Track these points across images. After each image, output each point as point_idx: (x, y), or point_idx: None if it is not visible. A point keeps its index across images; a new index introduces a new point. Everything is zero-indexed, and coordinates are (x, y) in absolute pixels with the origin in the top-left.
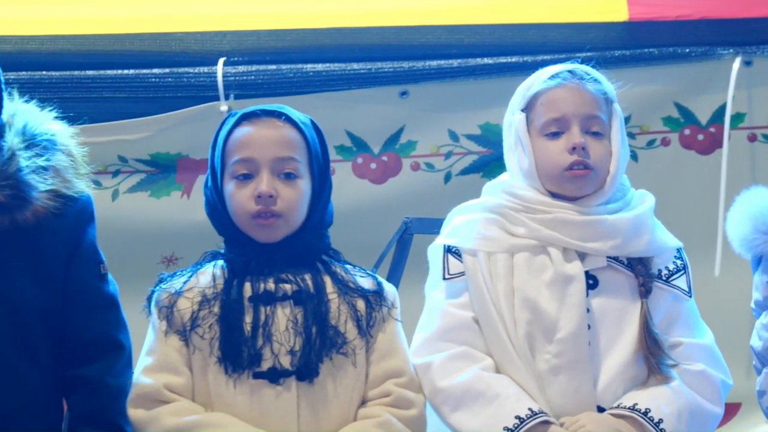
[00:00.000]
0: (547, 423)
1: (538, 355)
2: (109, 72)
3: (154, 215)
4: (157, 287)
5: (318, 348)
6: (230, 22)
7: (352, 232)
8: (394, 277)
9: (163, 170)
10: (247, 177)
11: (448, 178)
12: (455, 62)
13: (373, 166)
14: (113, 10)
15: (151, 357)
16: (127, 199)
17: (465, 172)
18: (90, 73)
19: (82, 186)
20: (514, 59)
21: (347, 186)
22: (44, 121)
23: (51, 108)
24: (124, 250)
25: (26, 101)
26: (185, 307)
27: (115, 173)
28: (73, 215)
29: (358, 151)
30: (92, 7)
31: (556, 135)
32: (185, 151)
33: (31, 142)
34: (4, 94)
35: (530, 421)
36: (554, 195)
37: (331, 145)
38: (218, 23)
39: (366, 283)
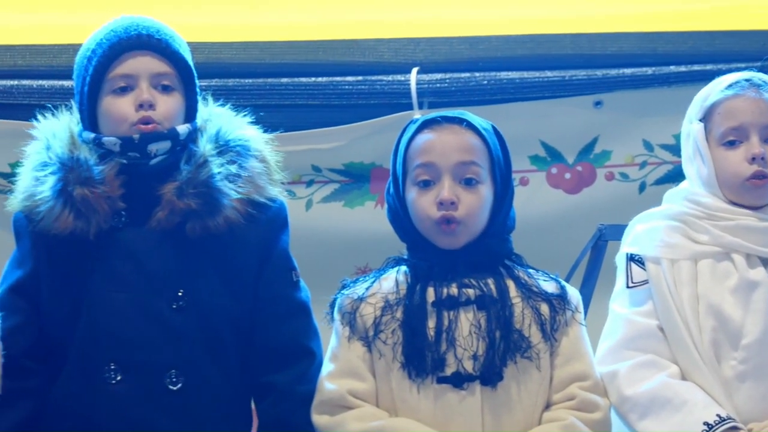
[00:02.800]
0: (735, 429)
1: (724, 362)
2: (303, 79)
3: (347, 225)
4: (340, 293)
5: (502, 352)
6: (423, 29)
7: (545, 242)
8: (588, 284)
9: (356, 180)
10: (428, 183)
11: (642, 188)
12: (649, 70)
13: (567, 176)
14: (306, 17)
15: (335, 363)
16: (320, 209)
17: (660, 181)
18: (284, 80)
19: (276, 192)
20: (708, 67)
21: (541, 196)
22: (238, 126)
23: (250, 117)
24: (317, 260)
25: (222, 105)
26: (368, 312)
27: (309, 183)
28: (265, 222)
29: (553, 161)
30: (285, 14)
31: (734, 144)
32: (378, 161)
33: (224, 148)
34: (199, 99)
35: (719, 427)
36: (733, 203)
37: (525, 155)
38: (411, 30)
39: (549, 287)
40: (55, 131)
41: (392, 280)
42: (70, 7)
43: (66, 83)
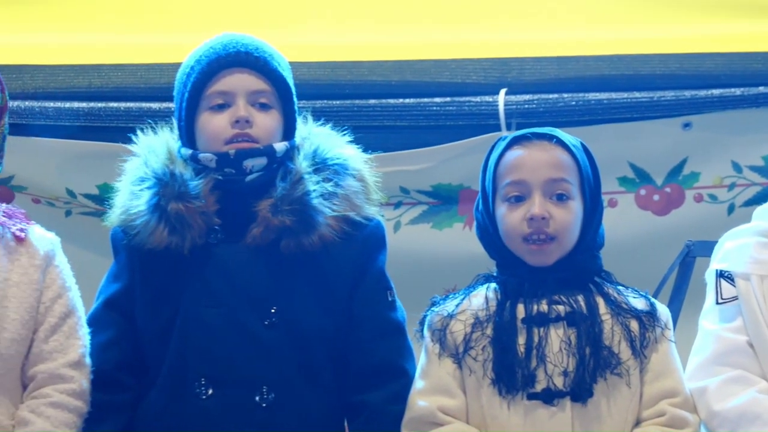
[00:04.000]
0: None
1: None
2: (390, 101)
3: (436, 247)
4: (430, 310)
5: (592, 369)
6: (511, 49)
7: (634, 264)
8: (676, 300)
9: (445, 201)
10: (518, 199)
11: (731, 209)
12: (737, 91)
13: (656, 197)
14: (393, 37)
15: (425, 380)
16: (409, 231)
17: (748, 203)
18: (371, 101)
19: (373, 211)
20: None
21: (630, 217)
22: (337, 145)
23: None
24: (405, 282)
25: (321, 125)
26: (458, 329)
27: (397, 205)
28: (361, 240)
29: (641, 182)
30: (371, 34)
31: None
32: (467, 183)
33: (320, 165)
34: (298, 118)
35: None
36: None
37: (613, 177)
38: (499, 50)
39: (639, 303)
40: (154, 147)
41: (482, 297)
42: (160, 28)
43: (154, 105)
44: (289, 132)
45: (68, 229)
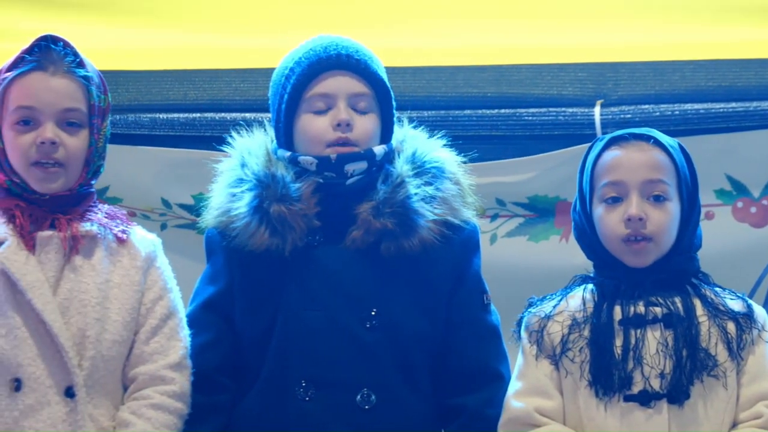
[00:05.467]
0: None
1: None
2: (486, 111)
3: (532, 260)
4: (527, 312)
5: (689, 371)
6: (608, 54)
7: (731, 276)
8: None
9: (541, 214)
10: (616, 200)
11: None
12: None
13: (753, 210)
14: (487, 40)
15: (522, 381)
16: (505, 244)
17: None
18: (467, 112)
19: (469, 215)
20: None
21: (727, 230)
22: (433, 148)
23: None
24: (502, 294)
25: (414, 127)
26: (555, 330)
27: (494, 217)
28: (459, 244)
29: (738, 194)
30: (466, 39)
31: None
32: (563, 195)
33: (420, 169)
34: (395, 120)
35: None
36: None
37: (710, 189)
38: (596, 55)
39: (736, 305)
40: (251, 148)
41: (579, 298)
42: (254, 32)
43: (248, 115)
44: (386, 135)
45: (164, 243)
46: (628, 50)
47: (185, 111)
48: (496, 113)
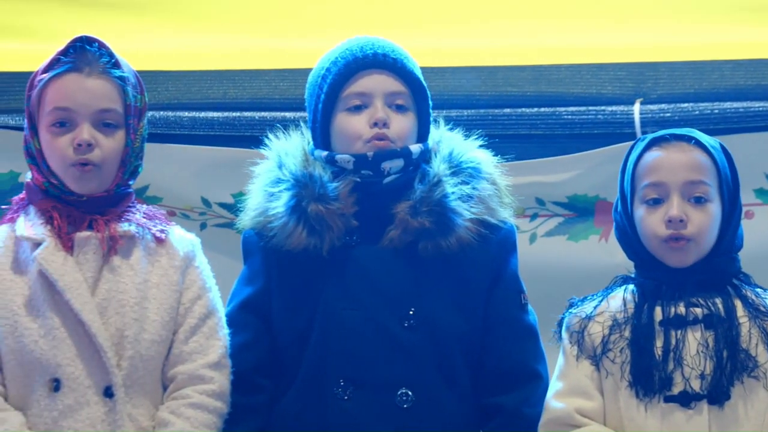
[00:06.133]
0: None
1: None
2: (526, 110)
3: (572, 259)
4: (568, 312)
5: (729, 372)
6: (647, 54)
7: None
8: None
9: (581, 214)
10: (657, 201)
11: None
12: None
13: None
14: (528, 41)
15: (563, 381)
16: (544, 243)
17: None
18: (506, 110)
19: (506, 215)
20: None
21: (766, 229)
22: (470, 149)
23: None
24: (542, 294)
25: (450, 129)
26: (596, 331)
27: (533, 217)
28: (496, 243)
29: None
30: (506, 39)
31: None
32: (603, 194)
33: (456, 169)
34: (431, 120)
35: None
36: None
37: (749, 188)
38: (635, 55)
39: None
40: (288, 149)
41: (620, 299)
42: (292, 33)
43: (288, 114)
44: (422, 134)
45: (204, 242)
46: (667, 50)
47: (225, 110)
48: (536, 112)
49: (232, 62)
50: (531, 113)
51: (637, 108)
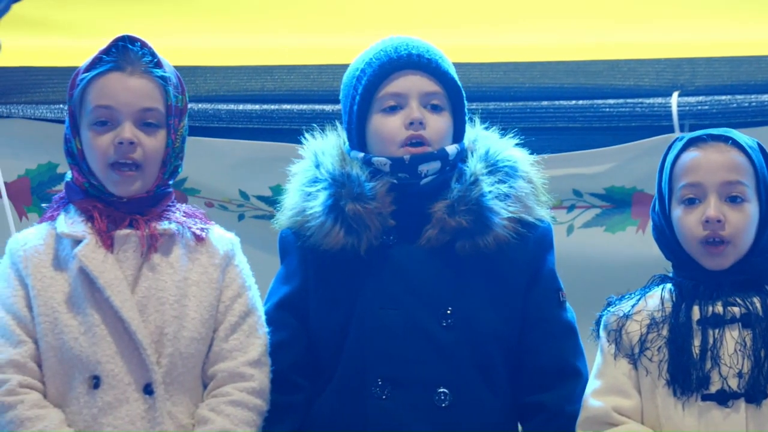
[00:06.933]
0: None
1: None
2: (563, 102)
3: (609, 251)
4: (606, 311)
5: (766, 370)
6: (684, 50)
7: None
8: None
9: (618, 205)
10: (693, 201)
11: None
12: None
13: None
14: (565, 38)
15: (600, 380)
16: (582, 234)
17: None
18: (544, 103)
19: (543, 213)
20: None
21: None
22: (506, 147)
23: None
24: (578, 285)
25: (486, 128)
26: (634, 330)
27: (570, 208)
28: (533, 241)
29: None
30: (544, 36)
31: None
32: (640, 186)
33: (493, 167)
34: (467, 120)
35: None
36: None
37: None
38: (672, 51)
39: None
40: (324, 149)
41: (657, 298)
42: (331, 30)
43: (327, 107)
44: (458, 134)
45: (241, 233)
46: (704, 47)
47: (263, 102)
48: (573, 104)
49: (271, 59)
50: (569, 106)
51: (674, 100)
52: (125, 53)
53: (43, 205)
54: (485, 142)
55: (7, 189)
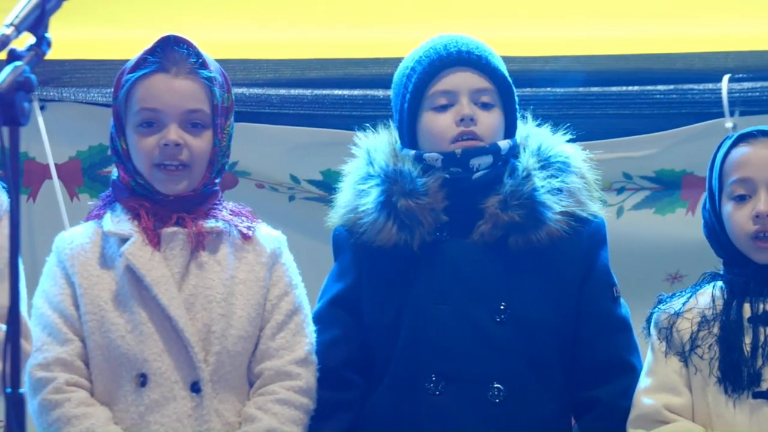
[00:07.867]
0: None
1: None
2: (614, 89)
3: (658, 232)
4: (656, 308)
5: None
6: (733, 43)
7: None
8: None
9: (667, 187)
10: (744, 198)
11: None
12: None
13: None
14: (615, 31)
15: (651, 378)
16: (631, 216)
17: None
18: (594, 89)
19: (596, 208)
20: None
21: None
22: (557, 143)
23: (561, 125)
24: (628, 267)
25: (538, 125)
26: (685, 327)
27: (620, 190)
28: (587, 237)
29: None
30: (593, 28)
31: None
32: (690, 168)
33: (545, 163)
34: (518, 116)
35: None
36: None
37: None
38: (721, 44)
39: None
40: (376, 146)
41: (708, 296)
42: (385, 21)
43: (377, 93)
44: (509, 130)
45: (292, 215)
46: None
47: (314, 87)
48: (624, 90)
49: (322, 52)
50: (620, 92)
51: (725, 86)
52: (170, 54)
53: (94, 184)
54: (537, 138)
55: (59, 170)
